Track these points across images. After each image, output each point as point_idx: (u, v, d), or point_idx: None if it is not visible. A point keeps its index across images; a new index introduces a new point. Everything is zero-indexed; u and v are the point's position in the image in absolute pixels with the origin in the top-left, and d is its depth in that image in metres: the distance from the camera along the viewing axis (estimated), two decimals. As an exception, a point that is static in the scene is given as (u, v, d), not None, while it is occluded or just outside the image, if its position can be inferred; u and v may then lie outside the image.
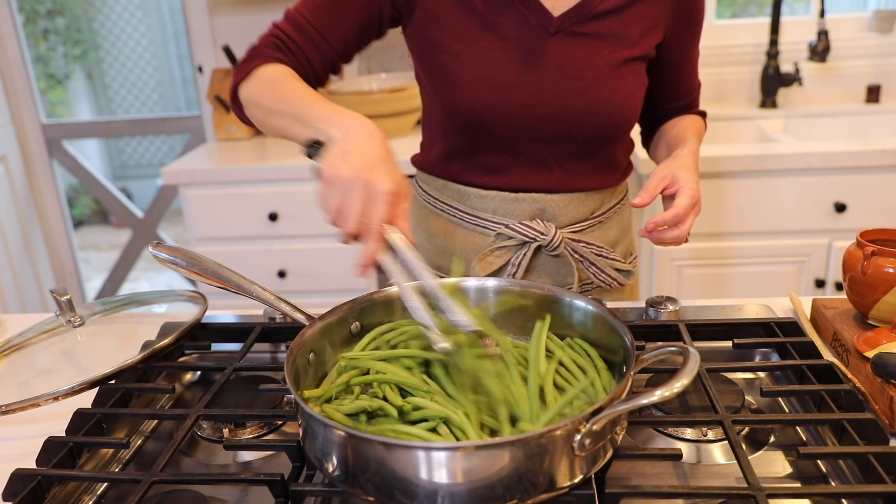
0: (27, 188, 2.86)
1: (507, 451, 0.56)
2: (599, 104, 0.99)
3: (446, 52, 0.99)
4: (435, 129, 1.08)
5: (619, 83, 1.00)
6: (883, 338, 0.81)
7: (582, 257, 1.06)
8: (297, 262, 2.19)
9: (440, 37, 0.99)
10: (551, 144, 1.02)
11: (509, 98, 0.98)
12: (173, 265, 0.89)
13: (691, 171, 0.98)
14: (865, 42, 2.41)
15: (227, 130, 2.48)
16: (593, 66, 0.98)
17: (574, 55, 0.98)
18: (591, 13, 0.98)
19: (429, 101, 1.07)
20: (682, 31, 1.05)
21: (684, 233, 0.94)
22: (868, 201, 1.89)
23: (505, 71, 0.98)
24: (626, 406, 0.60)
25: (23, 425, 0.84)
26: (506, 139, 1.02)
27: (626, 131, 1.06)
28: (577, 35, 0.98)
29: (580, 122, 1.00)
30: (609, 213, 1.11)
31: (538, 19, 0.97)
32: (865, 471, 0.66)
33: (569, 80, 0.98)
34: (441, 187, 1.10)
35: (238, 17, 2.53)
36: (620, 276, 1.10)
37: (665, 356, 0.70)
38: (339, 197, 0.73)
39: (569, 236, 1.05)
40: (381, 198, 0.72)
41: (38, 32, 4.86)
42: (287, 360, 0.69)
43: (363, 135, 0.77)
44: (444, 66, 1.00)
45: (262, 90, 0.93)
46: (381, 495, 0.59)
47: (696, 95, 1.17)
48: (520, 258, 1.05)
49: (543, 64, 0.98)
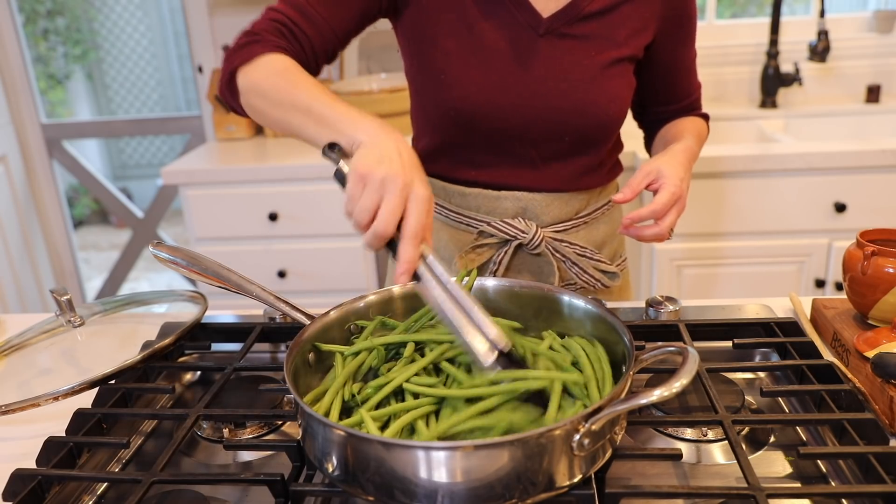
0: (27, 188, 2.86)
1: (507, 450, 0.56)
2: (585, 105, 0.99)
3: (437, 48, 0.99)
4: (423, 123, 1.08)
5: (606, 84, 1.00)
6: (883, 338, 0.81)
7: (564, 257, 1.06)
8: (297, 262, 2.19)
9: (432, 33, 0.99)
10: (537, 144, 1.02)
11: (497, 97, 0.98)
12: (174, 265, 0.89)
13: (678, 167, 0.96)
14: (865, 42, 2.41)
15: (227, 130, 2.48)
16: (580, 67, 0.99)
17: (562, 56, 0.98)
18: (579, 14, 0.98)
19: (417, 96, 1.08)
20: (673, 32, 1.05)
21: (664, 230, 0.93)
22: (868, 201, 1.89)
23: (493, 70, 0.98)
24: (624, 406, 0.60)
25: (23, 425, 0.84)
26: (492, 137, 1.02)
27: (612, 132, 1.06)
28: (565, 36, 0.98)
29: (565, 122, 1.00)
30: (595, 214, 1.10)
31: (528, 20, 0.98)
32: (865, 471, 0.66)
33: (556, 80, 0.98)
34: None
35: (238, 17, 2.53)
36: (605, 277, 1.09)
37: (664, 356, 0.70)
38: (375, 196, 0.68)
39: (551, 235, 1.05)
40: (422, 202, 0.69)
41: (38, 32, 4.86)
42: (287, 360, 0.69)
43: (391, 140, 0.74)
44: (434, 63, 1.00)
45: (269, 81, 0.87)
46: (381, 495, 0.59)
47: (696, 97, 1.16)
48: (501, 256, 1.06)
49: (531, 64, 0.98)
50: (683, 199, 0.95)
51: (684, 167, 0.98)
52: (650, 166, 0.96)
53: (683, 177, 0.96)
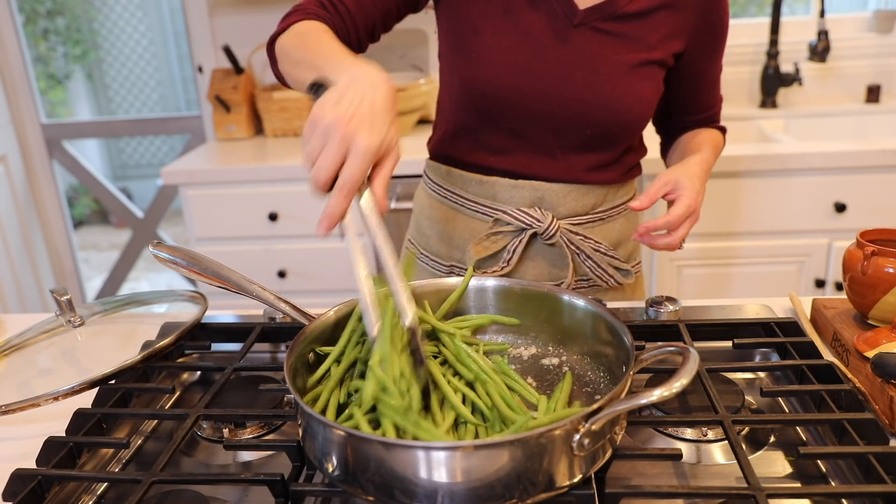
0: (27, 188, 2.86)
1: (507, 450, 0.56)
2: (611, 100, 1.00)
3: (470, 28, 1.01)
4: (448, 104, 1.10)
5: (633, 83, 1.01)
6: (883, 338, 0.81)
7: (579, 250, 1.07)
8: (297, 262, 2.19)
9: (467, 12, 1.01)
10: (558, 133, 1.03)
11: (523, 82, 1.00)
12: (174, 265, 0.89)
13: (695, 179, 0.98)
14: (865, 42, 2.41)
15: (227, 130, 2.48)
16: (609, 62, 1.00)
17: (593, 50, 1.00)
18: (615, 13, 1.00)
19: (447, 74, 1.09)
20: (704, 45, 1.07)
21: (676, 241, 0.96)
22: (868, 201, 1.89)
23: (522, 55, 1.00)
24: (625, 406, 0.60)
25: (23, 425, 0.84)
26: (515, 122, 1.03)
27: (633, 131, 1.07)
28: (598, 31, 1.00)
29: (589, 114, 1.01)
30: (612, 213, 1.11)
31: (563, 10, 1.00)
32: (865, 471, 0.66)
33: (584, 72, 1.00)
34: (445, 174, 1.12)
35: (238, 17, 2.53)
36: (618, 274, 1.10)
37: (664, 356, 0.70)
38: (317, 143, 0.67)
39: (567, 227, 1.06)
40: (359, 154, 0.66)
41: (38, 32, 4.86)
42: (286, 360, 0.68)
43: (366, 85, 0.71)
44: (466, 42, 1.02)
45: (293, 41, 0.89)
46: (381, 495, 0.59)
47: (716, 110, 1.17)
48: (515, 245, 1.06)
49: (561, 53, 1.00)
50: (697, 212, 0.97)
51: (700, 180, 1.00)
52: (668, 176, 0.98)
53: (700, 190, 0.98)
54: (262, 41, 2.49)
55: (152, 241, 0.95)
